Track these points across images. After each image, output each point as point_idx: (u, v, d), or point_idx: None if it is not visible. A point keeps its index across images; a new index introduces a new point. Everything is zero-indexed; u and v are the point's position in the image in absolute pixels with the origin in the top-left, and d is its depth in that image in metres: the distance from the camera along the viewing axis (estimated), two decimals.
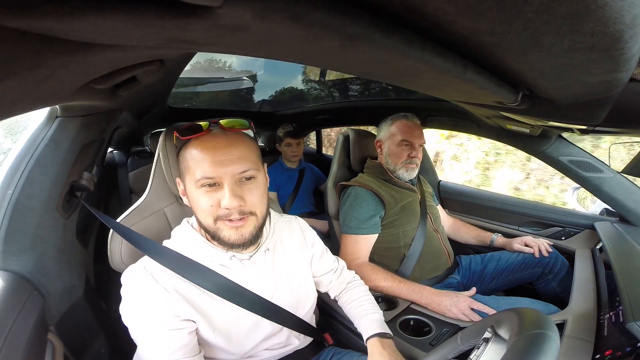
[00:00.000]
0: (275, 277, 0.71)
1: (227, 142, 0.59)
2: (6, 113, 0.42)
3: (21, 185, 0.75)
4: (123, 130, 1.76)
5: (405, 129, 1.22)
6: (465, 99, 0.78)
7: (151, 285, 0.60)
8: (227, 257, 0.65)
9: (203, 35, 0.28)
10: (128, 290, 0.60)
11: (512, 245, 1.27)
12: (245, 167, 0.59)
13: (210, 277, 0.63)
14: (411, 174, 1.25)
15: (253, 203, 0.60)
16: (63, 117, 0.79)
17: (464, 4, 0.24)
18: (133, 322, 0.59)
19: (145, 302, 0.59)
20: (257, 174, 0.62)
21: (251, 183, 0.61)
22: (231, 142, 0.60)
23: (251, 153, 0.62)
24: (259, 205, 0.62)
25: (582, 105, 0.61)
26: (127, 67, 0.51)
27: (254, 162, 0.61)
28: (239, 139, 0.61)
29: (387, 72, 0.45)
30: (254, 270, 0.69)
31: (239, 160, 0.59)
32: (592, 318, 0.81)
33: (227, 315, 0.64)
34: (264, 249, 0.70)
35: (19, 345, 0.60)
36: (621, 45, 0.31)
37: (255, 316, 0.67)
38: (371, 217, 1.16)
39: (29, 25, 0.24)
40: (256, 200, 0.61)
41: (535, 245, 1.22)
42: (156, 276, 0.61)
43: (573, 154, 1.25)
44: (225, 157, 0.58)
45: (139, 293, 0.60)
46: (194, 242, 0.65)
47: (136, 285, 0.60)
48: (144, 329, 0.58)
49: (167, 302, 0.60)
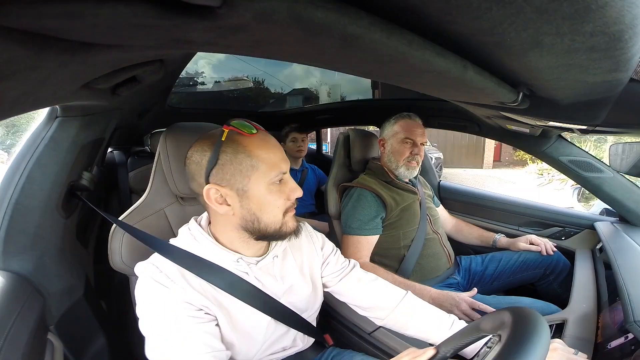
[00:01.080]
0: (283, 285, 0.70)
1: (275, 142, 0.64)
2: (6, 113, 0.42)
3: (21, 185, 0.75)
4: (123, 130, 1.76)
5: (409, 128, 1.24)
6: (465, 99, 0.78)
7: (167, 282, 0.58)
8: (234, 259, 0.65)
9: (203, 35, 0.28)
10: (144, 293, 0.58)
11: (518, 245, 1.27)
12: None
13: (223, 275, 0.62)
14: (412, 172, 1.26)
15: None
16: (63, 117, 0.79)
17: (464, 4, 0.24)
18: (155, 323, 0.56)
19: (167, 301, 0.57)
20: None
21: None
22: (276, 141, 0.65)
23: None
24: None
25: (582, 105, 0.61)
26: (127, 67, 0.51)
27: None
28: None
29: (387, 72, 0.45)
30: (260, 275, 0.68)
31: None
32: (592, 318, 0.81)
33: (241, 313, 0.64)
34: (272, 256, 0.70)
35: (18, 345, 0.60)
36: (621, 45, 0.31)
37: (266, 317, 0.66)
38: (373, 219, 1.16)
39: (29, 25, 0.24)
40: None
41: (542, 243, 1.22)
42: (170, 275, 0.59)
43: (573, 154, 1.25)
44: (283, 154, 0.64)
45: (156, 294, 0.58)
46: (203, 243, 0.65)
47: (152, 286, 0.58)
48: (170, 328, 0.55)
49: (189, 297, 0.58)
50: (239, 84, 2.97)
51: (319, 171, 2.18)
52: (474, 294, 0.99)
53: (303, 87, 3.53)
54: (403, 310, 0.76)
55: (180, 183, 0.80)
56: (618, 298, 0.77)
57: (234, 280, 0.63)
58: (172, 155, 0.78)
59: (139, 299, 0.58)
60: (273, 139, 0.65)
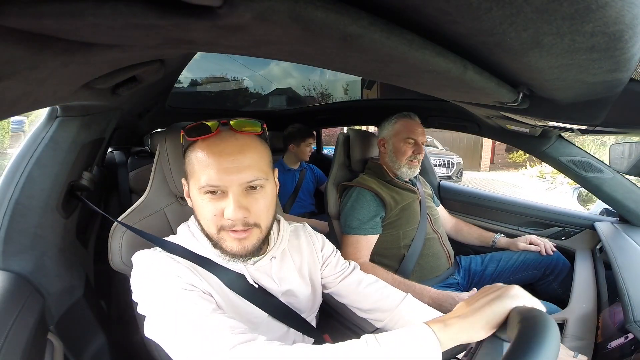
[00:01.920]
0: (280, 287, 0.69)
1: (236, 148, 0.56)
2: (6, 113, 0.42)
3: (21, 185, 0.75)
4: (123, 130, 1.76)
5: (410, 127, 1.24)
6: (465, 99, 0.78)
7: (174, 264, 0.57)
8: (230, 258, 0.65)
9: (203, 35, 0.28)
10: (143, 268, 0.56)
11: (517, 244, 1.27)
12: (254, 176, 0.56)
13: (222, 271, 0.62)
14: (414, 171, 1.26)
15: (258, 214, 0.58)
16: (63, 117, 0.79)
17: (464, 4, 0.24)
18: (154, 296, 0.53)
19: (176, 277, 0.55)
20: (266, 183, 0.59)
21: (258, 193, 0.58)
22: (240, 147, 0.56)
23: (261, 160, 0.58)
24: (264, 217, 0.60)
25: (582, 105, 0.61)
26: (127, 67, 0.51)
27: (263, 170, 0.58)
28: (249, 144, 0.57)
29: (387, 72, 0.45)
30: (258, 276, 0.68)
31: (247, 168, 0.55)
32: (592, 318, 0.81)
33: (244, 309, 0.64)
34: (270, 257, 0.68)
35: (18, 345, 0.60)
36: (621, 45, 0.31)
37: (264, 314, 0.66)
38: (372, 218, 1.16)
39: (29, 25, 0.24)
40: (262, 211, 0.59)
41: (541, 243, 1.22)
42: (173, 262, 0.59)
43: (573, 154, 1.25)
44: (232, 164, 0.54)
45: (158, 265, 0.56)
46: (202, 240, 0.64)
47: (160, 263, 0.57)
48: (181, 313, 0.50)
49: (193, 280, 0.57)
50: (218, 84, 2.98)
51: (318, 171, 2.18)
52: (474, 293, 0.99)
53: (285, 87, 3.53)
54: (402, 313, 0.75)
55: (180, 183, 0.80)
56: (618, 298, 0.77)
57: (232, 277, 0.63)
58: (172, 155, 0.78)
59: (137, 277, 0.57)
60: (235, 145, 0.56)
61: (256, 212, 0.57)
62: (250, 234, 0.58)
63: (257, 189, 0.57)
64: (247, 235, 0.57)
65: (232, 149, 0.55)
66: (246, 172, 0.55)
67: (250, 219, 0.57)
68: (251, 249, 0.59)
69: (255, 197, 0.57)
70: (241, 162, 0.55)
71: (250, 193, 0.57)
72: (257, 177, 0.56)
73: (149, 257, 0.59)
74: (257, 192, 0.58)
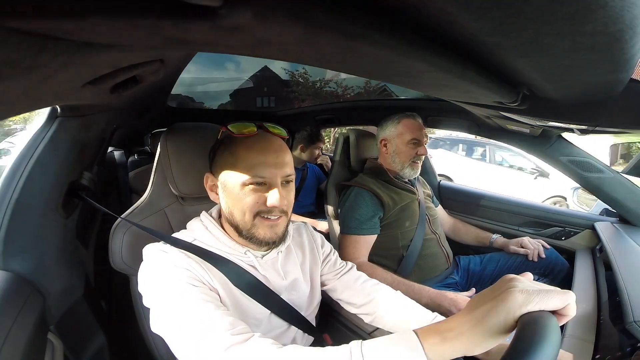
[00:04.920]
0: (285, 280, 0.72)
1: (277, 147, 0.65)
2: (6, 113, 0.42)
3: (21, 185, 0.75)
4: (123, 130, 1.76)
5: (414, 128, 1.23)
6: (465, 99, 0.78)
7: (184, 257, 0.60)
8: (242, 251, 0.67)
9: (203, 35, 0.28)
10: (152, 262, 0.59)
11: (508, 248, 1.27)
12: (290, 171, 0.66)
13: (229, 266, 0.65)
14: (416, 171, 1.26)
15: (289, 204, 0.67)
16: (63, 117, 0.79)
17: (464, 4, 0.24)
18: (166, 304, 0.55)
19: (184, 270, 0.58)
20: (293, 178, 0.69)
21: (290, 185, 0.67)
22: (279, 146, 0.65)
23: (291, 159, 0.68)
24: (291, 207, 0.68)
25: (582, 106, 0.61)
26: (127, 67, 0.51)
27: (293, 167, 0.68)
28: (282, 145, 0.67)
29: (388, 72, 0.45)
30: (266, 269, 0.70)
31: (286, 164, 0.65)
32: (592, 318, 0.81)
33: (248, 306, 0.65)
34: (277, 251, 0.72)
35: (19, 345, 0.60)
36: (621, 46, 0.31)
37: (266, 311, 0.68)
38: (371, 218, 1.16)
39: (29, 25, 0.24)
40: (291, 201, 0.68)
41: (532, 248, 1.21)
42: (182, 255, 0.61)
43: (573, 154, 1.25)
44: (277, 160, 0.63)
45: (174, 261, 0.59)
46: (215, 232, 0.68)
47: (170, 256, 0.60)
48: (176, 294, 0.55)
49: (199, 274, 0.59)
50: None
51: (318, 170, 2.19)
52: (472, 294, 0.99)
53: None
54: (389, 309, 0.78)
55: (181, 183, 0.80)
56: (618, 298, 0.77)
57: (239, 272, 0.65)
58: (173, 155, 0.78)
59: (146, 270, 0.60)
60: (276, 144, 0.65)
61: (289, 202, 0.67)
62: (280, 221, 0.66)
63: (289, 182, 0.67)
64: (279, 222, 0.65)
65: (275, 148, 0.65)
66: (286, 168, 0.65)
67: (284, 207, 0.65)
68: (280, 234, 0.67)
69: (287, 189, 0.66)
70: (283, 158, 0.64)
71: (284, 186, 0.65)
72: (292, 173, 0.66)
73: (159, 250, 0.62)
74: (289, 185, 0.67)
